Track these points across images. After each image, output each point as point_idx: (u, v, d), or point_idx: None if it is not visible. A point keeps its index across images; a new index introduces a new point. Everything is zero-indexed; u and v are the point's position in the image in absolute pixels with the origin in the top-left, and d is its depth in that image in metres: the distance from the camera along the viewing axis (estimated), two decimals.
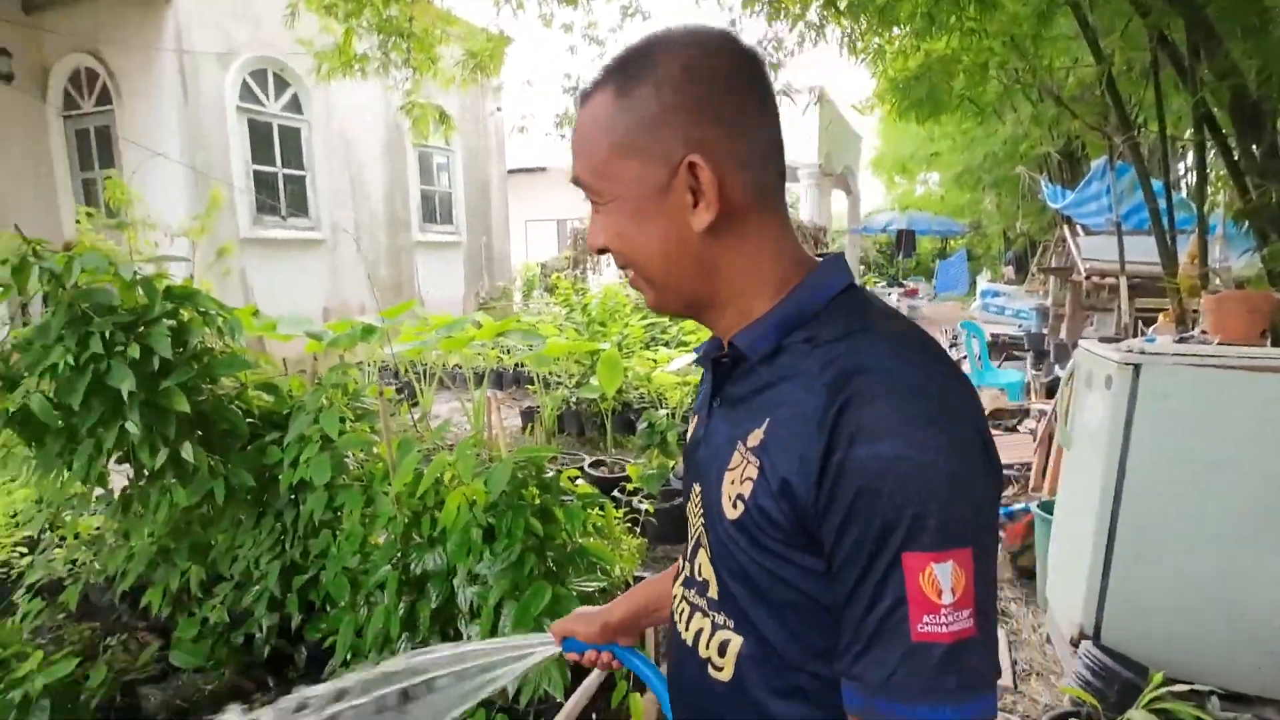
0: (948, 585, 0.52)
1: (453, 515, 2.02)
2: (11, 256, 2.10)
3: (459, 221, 11.15)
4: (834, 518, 0.55)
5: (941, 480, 0.53)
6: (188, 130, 7.00)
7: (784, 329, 0.65)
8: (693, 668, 0.72)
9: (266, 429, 2.56)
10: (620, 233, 0.67)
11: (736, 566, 0.65)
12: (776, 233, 0.67)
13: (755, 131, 0.64)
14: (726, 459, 0.66)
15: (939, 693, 0.52)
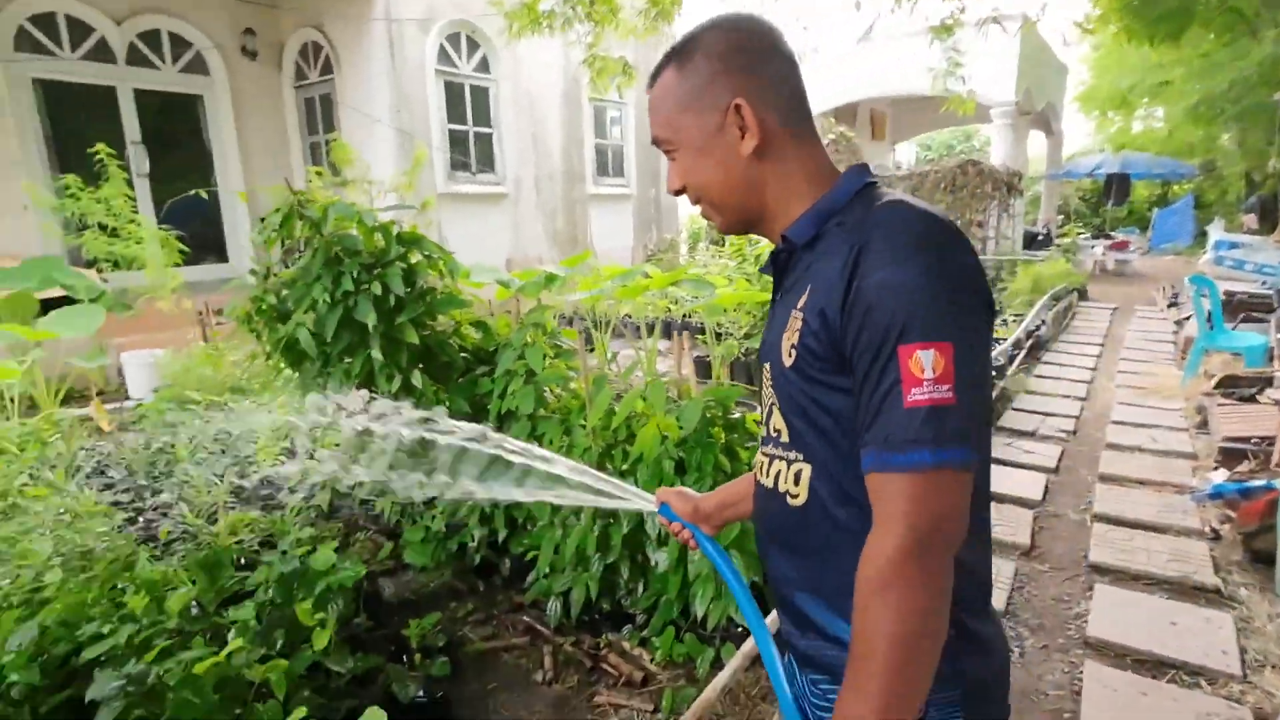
0: (929, 366, 0.70)
1: (646, 444, 2.13)
2: (283, 207, 2.46)
3: (630, 174, 11.36)
4: (852, 332, 0.75)
5: (923, 294, 0.71)
6: (394, 94, 7.66)
7: (821, 219, 0.85)
8: (776, 503, 0.90)
9: (475, 363, 2.84)
10: (689, 172, 0.90)
11: (797, 407, 0.84)
12: (808, 152, 0.88)
13: (779, 79, 0.87)
14: (784, 327, 0.85)
15: (920, 441, 0.70)
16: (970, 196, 10.87)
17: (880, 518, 0.73)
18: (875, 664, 0.70)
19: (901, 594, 0.70)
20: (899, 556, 0.70)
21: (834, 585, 0.85)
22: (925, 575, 0.70)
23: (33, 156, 6.68)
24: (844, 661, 0.81)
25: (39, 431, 3.71)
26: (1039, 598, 2.76)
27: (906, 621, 0.70)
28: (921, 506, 0.70)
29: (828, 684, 0.89)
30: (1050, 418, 4.85)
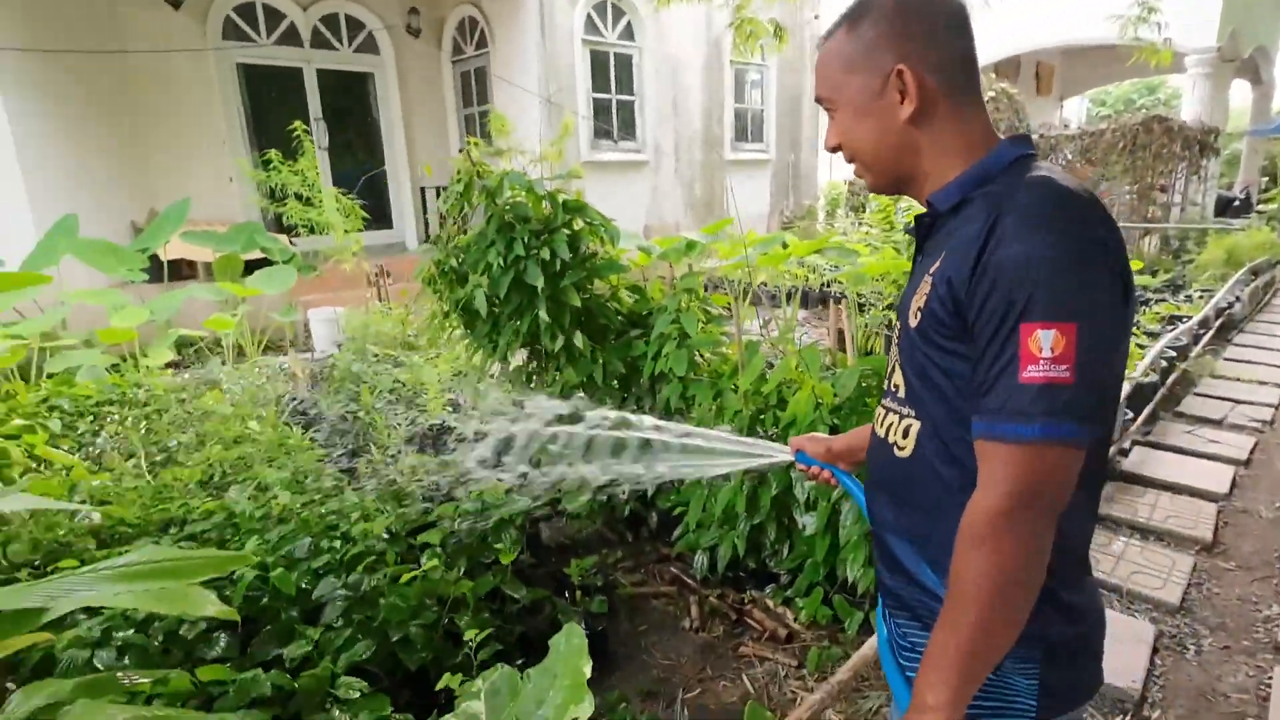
0: (1048, 346, 0.72)
1: (801, 409, 2.17)
2: (464, 176, 2.67)
3: (768, 138, 11.13)
4: (977, 301, 0.77)
5: (1050, 272, 0.72)
6: (543, 65, 7.94)
7: (968, 186, 0.86)
8: (884, 453, 0.97)
9: (628, 325, 2.97)
10: (847, 131, 0.94)
11: (918, 366, 0.88)
12: (965, 119, 0.89)
13: (945, 45, 0.87)
14: (916, 288, 0.89)
15: (1030, 415, 0.73)
16: (1153, 158, 9.73)
17: (983, 480, 0.78)
18: (967, 607, 0.77)
19: (995, 547, 0.75)
20: (995, 516, 0.75)
21: (926, 535, 0.92)
22: (1018, 535, 0.75)
23: (236, 134, 7.56)
24: (925, 605, 0.92)
25: (250, 377, 4.29)
26: (1221, 596, 2.55)
27: (999, 573, 0.75)
28: (1022, 474, 0.74)
29: (910, 626, 0.96)
30: (1241, 405, 4.36)
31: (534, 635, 2.11)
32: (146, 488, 2.57)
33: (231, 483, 2.67)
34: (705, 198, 10.20)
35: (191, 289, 5.24)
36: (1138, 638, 2.28)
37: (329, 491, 2.65)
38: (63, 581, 1.28)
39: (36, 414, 3.08)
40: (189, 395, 3.69)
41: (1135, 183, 9.90)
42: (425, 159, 9.14)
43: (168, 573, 1.31)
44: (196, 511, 2.41)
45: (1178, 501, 3.18)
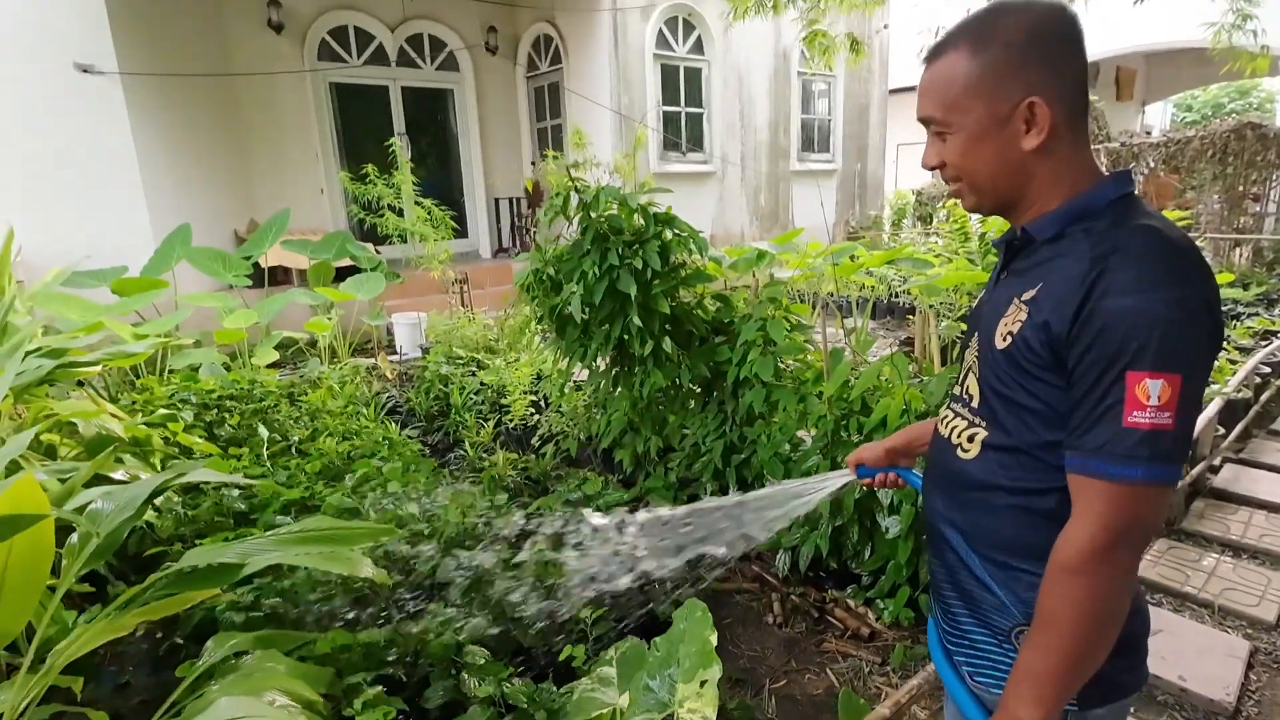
0: (1155, 394, 0.76)
1: (891, 414, 2.25)
2: (562, 190, 2.85)
3: (835, 148, 11.11)
4: (1081, 345, 0.80)
5: (1160, 326, 0.76)
6: (615, 79, 8.16)
7: (1067, 219, 0.89)
8: (947, 452, 1.03)
9: (712, 333, 3.09)
10: (959, 154, 0.92)
11: (996, 383, 0.93)
12: (1077, 149, 0.90)
13: (1071, 75, 0.88)
14: (1003, 310, 0.92)
15: (1135, 458, 0.77)
16: (1246, 166, 9.31)
17: (1082, 512, 0.82)
18: (1061, 633, 0.82)
19: (1094, 579, 0.81)
20: (1096, 550, 0.80)
21: (978, 531, 0.98)
22: (1114, 570, 0.81)
23: (328, 148, 8.03)
24: (973, 589, 0.99)
25: (347, 376, 4.58)
26: None
27: (1094, 603, 0.81)
28: (1122, 512, 0.79)
29: (957, 605, 1.03)
30: None
31: (628, 622, 2.24)
32: (273, 475, 2.83)
33: (347, 472, 2.90)
34: (771, 207, 10.26)
35: (293, 294, 5.61)
36: (1230, 652, 2.27)
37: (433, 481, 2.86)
38: (251, 543, 1.48)
39: (170, 405, 3.39)
40: (297, 392, 3.98)
41: (1226, 192, 9.48)
42: (500, 171, 9.49)
43: (335, 538, 1.49)
44: (318, 498, 2.64)
45: (1273, 520, 3.10)
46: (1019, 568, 0.93)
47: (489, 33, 8.87)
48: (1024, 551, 0.92)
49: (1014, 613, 0.95)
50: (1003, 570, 0.95)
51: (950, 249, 7.49)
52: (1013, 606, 0.95)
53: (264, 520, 2.46)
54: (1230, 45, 4.33)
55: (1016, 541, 0.94)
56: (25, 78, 5.54)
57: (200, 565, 1.44)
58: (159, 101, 6.22)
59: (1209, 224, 9.50)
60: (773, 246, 4.31)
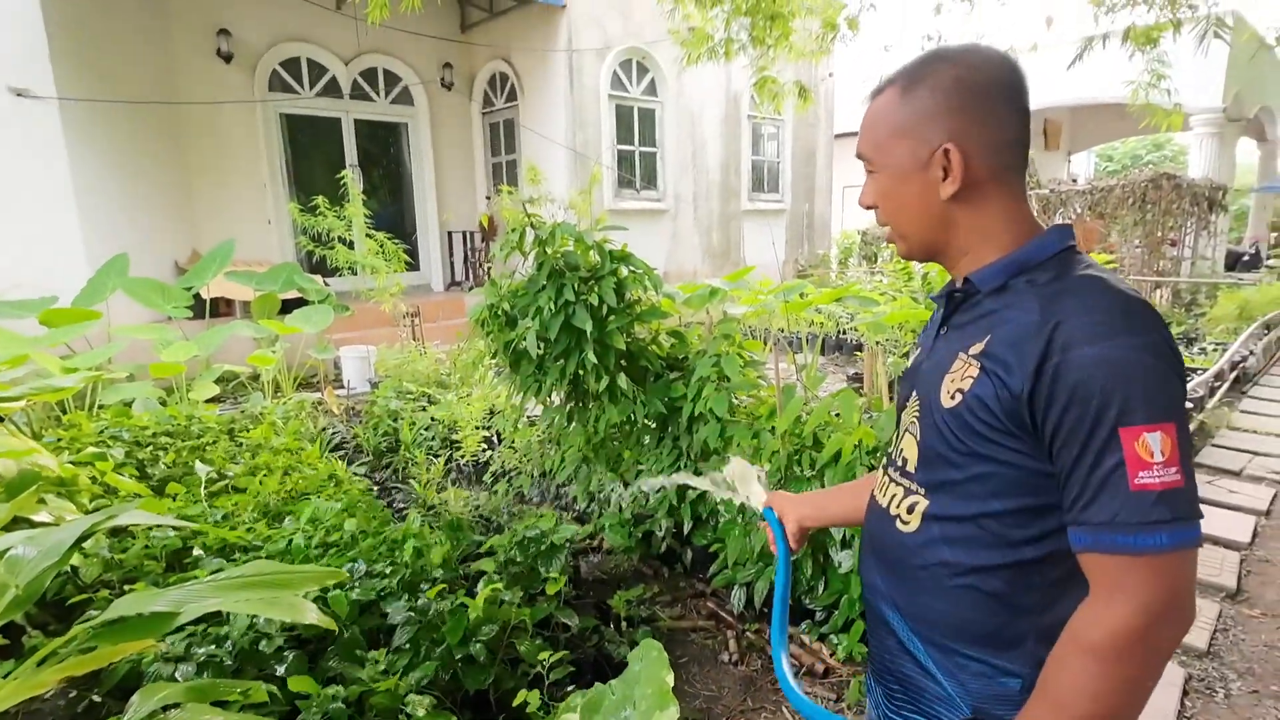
0: (1158, 449, 0.69)
1: (845, 450, 2.29)
2: (518, 227, 2.85)
3: (784, 189, 11.45)
4: (1055, 405, 0.73)
5: (1141, 372, 0.71)
6: (570, 117, 8.28)
7: (1011, 271, 0.85)
8: (885, 524, 0.95)
9: (667, 369, 3.11)
10: (885, 194, 0.91)
11: (943, 446, 0.85)
12: (1008, 203, 0.87)
13: (1000, 128, 0.85)
14: (948, 366, 0.86)
15: (1154, 524, 0.69)
16: (1163, 213, 9.94)
17: (1109, 592, 0.72)
18: (1068, 717, 0.73)
19: (1124, 666, 0.71)
20: (1132, 633, 0.70)
21: (916, 606, 0.90)
22: (1150, 655, 0.71)
23: (277, 178, 7.89)
24: (915, 674, 0.91)
25: (291, 411, 4.44)
26: (1248, 643, 2.61)
27: (1125, 696, 0.72)
28: (1157, 587, 0.70)
29: (898, 693, 0.95)
30: (1260, 457, 4.44)
31: (582, 663, 2.20)
32: (207, 514, 2.70)
33: (287, 512, 2.79)
34: (722, 245, 10.46)
35: (235, 326, 5.44)
36: (1168, 681, 2.34)
37: (382, 521, 2.77)
38: (186, 589, 1.41)
39: (100, 443, 3.22)
40: (237, 428, 3.84)
41: (1145, 237, 10.09)
42: (454, 204, 9.47)
43: (276, 584, 1.43)
44: (258, 539, 2.53)
45: (1202, 550, 3.24)
46: (967, 655, 0.86)
47: (444, 69, 8.93)
48: (972, 638, 0.85)
49: (961, 706, 0.87)
50: (949, 658, 0.88)
51: (895, 287, 7.76)
52: (959, 699, 0.87)
53: (201, 564, 2.35)
54: (1147, 102, 4.66)
55: (964, 626, 0.86)
56: None
57: (129, 615, 1.36)
58: (99, 128, 6.04)
59: (1132, 267, 10.07)
60: (725, 284, 4.39)
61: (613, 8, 8.42)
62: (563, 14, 7.99)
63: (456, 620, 1.96)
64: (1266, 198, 16.93)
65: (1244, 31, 9.15)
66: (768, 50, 5.68)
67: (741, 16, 5.35)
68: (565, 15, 8.00)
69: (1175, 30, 4.10)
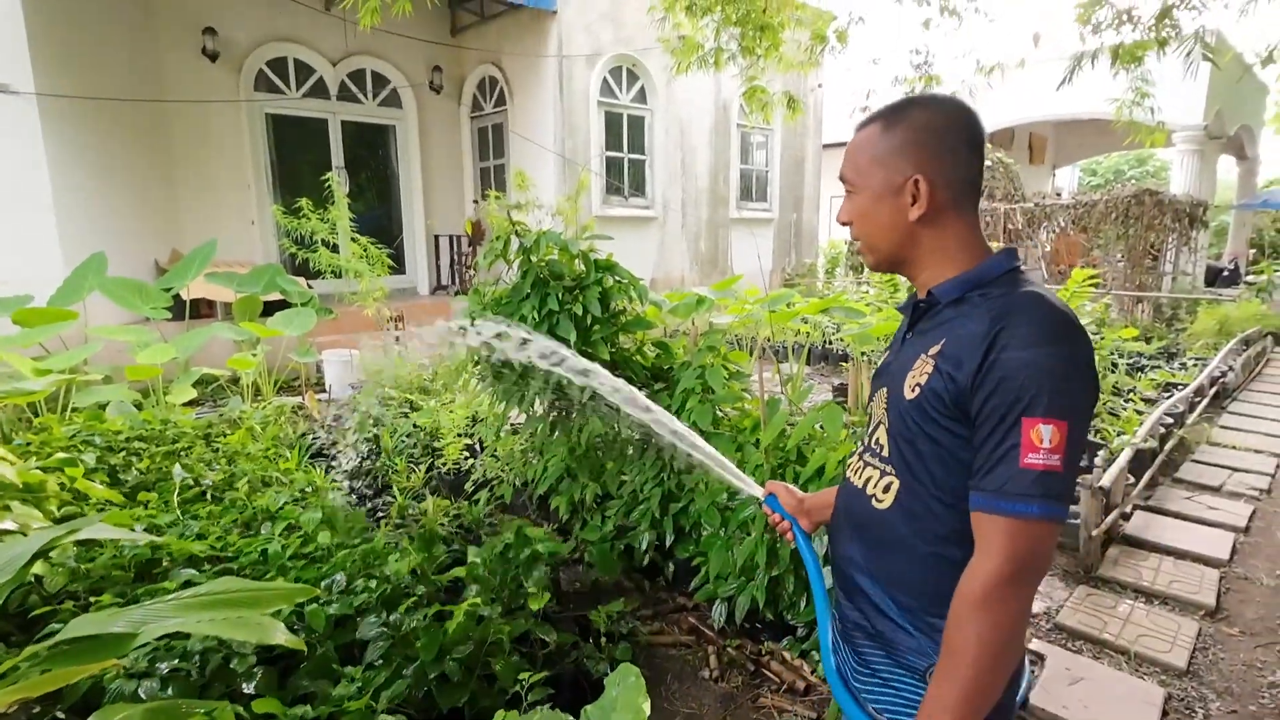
0: (1047, 439, 0.86)
1: (827, 464, 2.27)
2: (503, 234, 2.82)
3: (772, 198, 11.48)
4: (983, 393, 0.90)
5: (1052, 377, 0.86)
6: (559, 123, 8.26)
7: (968, 286, 1.01)
8: (861, 502, 1.10)
9: (652, 379, 3.09)
10: (860, 214, 1.08)
11: (906, 432, 1.01)
12: (964, 228, 1.04)
13: (960, 166, 1.02)
14: (911, 365, 1.01)
15: (1029, 496, 0.86)
16: (1145, 229, 10.06)
17: (984, 548, 0.90)
18: (965, 663, 0.89)
19: (995, 612, 0.88)
20: (997, 583, 0.87)
21: (892, 573, 1.05)
22: (1015, 601, 0.88)
23: (261, 179, 7.81)
24: (889, 633, 1.05)
25: (271, 416, 4.37)
26: (1226, 662, 2.61)
27: (996, 633, 0.88)
28: (1020, 546, 0.87)
29: (872, 650, 1.09)
30: (1238, 473, 4.47)
31: (561, 680, 2.16)
32: (181, 523, 2.64)
33: (264, 520, 2.74)
34: (710, 253, 10.47)
35: (215, 328, 5.36)
36: (1147, 700, 2.34)
37: (360, 532, 2.72)
38: (147, 608, 1.36)
39: (70, 448, 3.15)
40: (215, 433, 3.77)
41: (1128, 252, 10.20)
42: (441, 208, 9.41)
43: (243, 602, 1.39)
44: (231, 549, 2.47)
45: (1181, 566, 3.26)
46: (933, 613, 1.00)
47: (434, 72, 8.88)
48: (937, 599, 0.99)
49: (931, 654, 1.01)
50: (917, 616, 1.03)
51: (881, 299, 7.79)
52: (930, 649, 1.01)
53: (170, 575, 2.29)
54: (1131, 119, 4.71)
55: (931, 589, 1.01)
56: None
57: (87, 635, 1.31)
58: (80, 125, 5.94)
59: (1115, 281, 10.17)
60: (712, 292, 4.37)
61: (604, 15, 8.42)
62: (553, 19, 7.98)
63: (431, 637, 1.92)
64: (1245, 214, 17.22)
65: (1225, 52, 9.29)
66: (757, 60, 5.69)
67: (731, 26, 5.36)
68: (556, 21, 7.99)
69: (1161, 49, 4.14)
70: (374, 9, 3.87)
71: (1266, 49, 4.23)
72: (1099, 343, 5.46)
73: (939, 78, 5.34)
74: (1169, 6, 4.44)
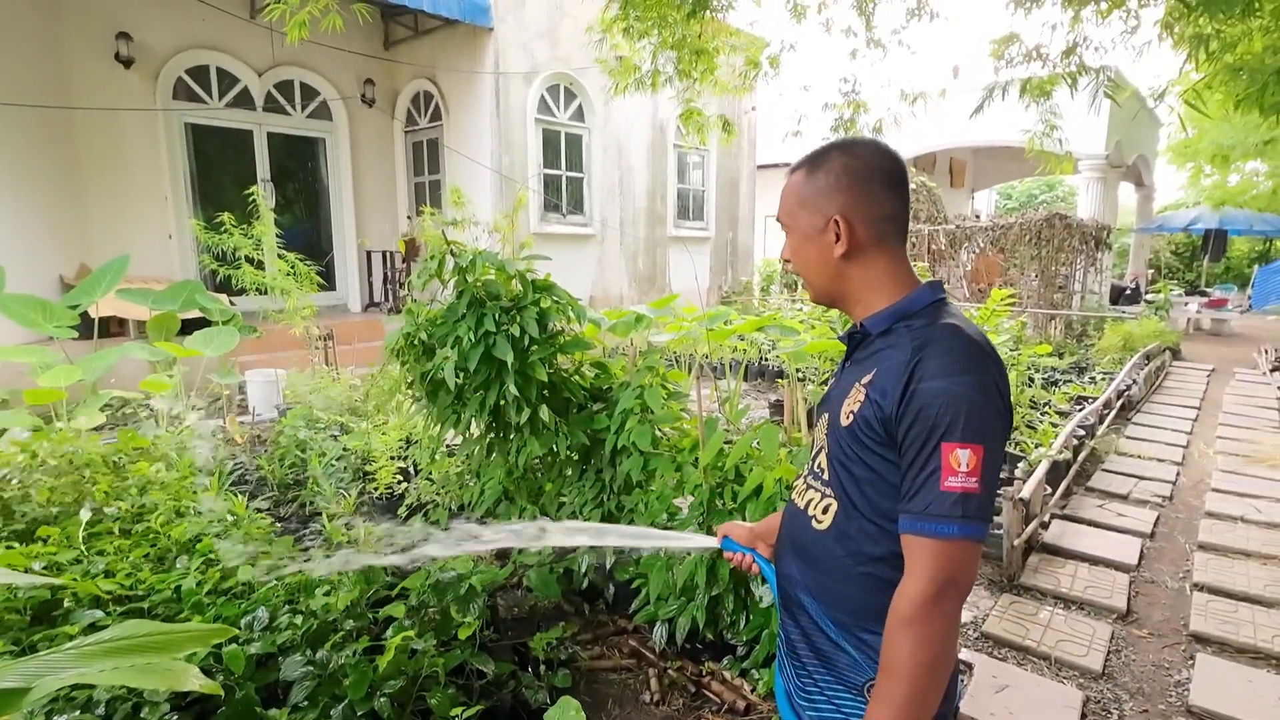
0: (965, 462, 0.91)
1: (767, 485, 2.30)
2: (437, 254, 2.77)
3: (708, 217, 11.67)
4: (905, 421, 0.94)
5: (966, 404, 0.92)
6: (496, 140, 8.20)
7: (895, 318, 1.06)
8: (801, 521, 1.15)
9: (590, 400, 3.07)
10: (795, 251, 1.14)
11: (843, 456, 1.06)
12: (889, 262, 1.09)
13: (880, 203, 1.07)
14: (847, 393, 1.07)
15: (950, 517, 0.91)
16: (1056, 250, 10.69)
17: (911, 568, 0.94)
18: (899, 679, 0.92)
19: (924, 628, 0.92)
20: (923, 600, 0.92)
21: (828, 591, 1.10)
22: (941, 617, 0.92)
23: (180, 191, 7.45)
24: (826, 649, 1.09)
25: (187, 441, 4.14)
26: (1137, 663, 2.76)
27: (925, 649, 0.92)
28: (943, 565, 0.92)
29: (812, 663, 1.13)
30: (1144, 481, 4.76)
31: (499, 712, 2.10)
32: (88, 561, 2.46)
33: (180, 554, 2.58)
34: (648, 271, 10.55)
35: (127, 348, 5.06)
36: (1066, 703, 2.44)
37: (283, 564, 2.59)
38: (43, 659, 1.26)
39: None
40: (125, 460, 3.54)
41: (1041, 272, 10.80)
42: (374, 224, 9.18)
43: (152, 647, 1.29)
44: (142, 586, 2.32)
45: (1095, 572, 3.43)
46: (868, 629, 1.05)
47: (366, 85, 8.70)
48: (872, 616, 1.03)
49: (866, 669, 1.05)
50: (853, 634, 1.07)
51: (814, 316, 7.99)
52: (864, 664, 1.06)
53: (72, 617, 2.12)
54: (1042, 149, 5.00)
55: (865, 607, 1.05)
56: None
57: None
58: None
59: (1029, 299, 10.74)
60: (650, 310, 4.39)
61: (541, 33, 8.43)
62: (490, 36, 7.94)
63: (360, 674, 1.84)
64: (1144, 237, 18.50)
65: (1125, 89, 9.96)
66: (693, 83, 5.79)
67: (668, 50, 5.44)
68: (492, 38, 7.95)
69: (1072, 85, 4.43)
70: (302, 22, 3.76)
71: (1159, 86, 4.58)
72: (1016, 359, 5.73)
73: (866, 104, 5.55)
74: (1073, 46, 4.75)
